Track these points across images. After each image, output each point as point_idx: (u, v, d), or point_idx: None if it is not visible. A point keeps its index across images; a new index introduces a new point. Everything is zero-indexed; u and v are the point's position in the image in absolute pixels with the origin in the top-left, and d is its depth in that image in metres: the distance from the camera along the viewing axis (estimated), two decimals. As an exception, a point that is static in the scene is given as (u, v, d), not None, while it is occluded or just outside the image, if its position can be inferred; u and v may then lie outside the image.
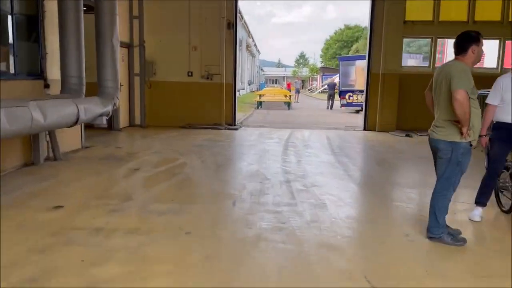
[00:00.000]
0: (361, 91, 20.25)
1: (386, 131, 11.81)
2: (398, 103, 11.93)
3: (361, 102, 20.39)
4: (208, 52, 12.03)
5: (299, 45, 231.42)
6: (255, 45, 59.97)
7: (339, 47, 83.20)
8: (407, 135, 11.06)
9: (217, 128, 11.84)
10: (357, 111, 20.95)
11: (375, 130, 12.14)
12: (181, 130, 11.37)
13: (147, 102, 11.96)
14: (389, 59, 11.82)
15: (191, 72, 12.13)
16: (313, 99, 39.30)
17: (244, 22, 41.90)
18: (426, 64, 12.67)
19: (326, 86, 49.47)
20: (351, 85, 20.58)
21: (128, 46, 11.52)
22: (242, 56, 37.83)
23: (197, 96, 12.22)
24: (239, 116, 15.89)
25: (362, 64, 20.21)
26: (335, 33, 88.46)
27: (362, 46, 66.96)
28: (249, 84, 52.22)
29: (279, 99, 24.60)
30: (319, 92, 49.35)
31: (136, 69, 11.70)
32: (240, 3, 12.55)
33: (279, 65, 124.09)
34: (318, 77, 67.95)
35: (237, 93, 13.26)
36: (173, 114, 12.18)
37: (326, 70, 65.95)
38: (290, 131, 11.78)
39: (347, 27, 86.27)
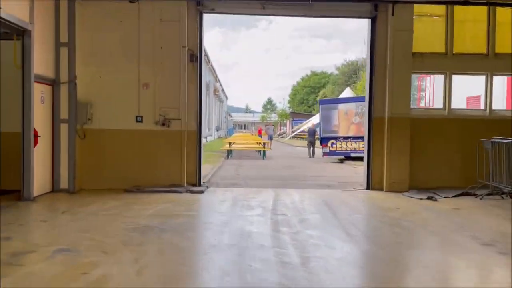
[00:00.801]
0: (346, 138, 17.92)
1: (397, 191, 9.11)
2: (410, 155, 9.36)
3: (346, 150, 18.00)
4: (164, 91, 9.16)
5: (266, 91, 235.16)
6: (222, 90, 58.23)
7: (307, 93, 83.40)
8: (429, 198, 8.36)
9: (176, 191, 8.73)
10: (341, 160, 18.46)
11: (382, 190, 9.41)
12: (125, 197, 8.18)
13: (79, 158, 8.76)
14: (396, 100, 9.36)
15: (141, 117, 9.15)
16: (286, 145, 36.93)
17: (211, 66, 39.94)
18: (437, 105, 10.30)
19: (297, 132, 47.75)
20: (333, 131, 18.19)
21: (53, 82, 8.47)
22: (209, 101, 35.39)
23: (149, 148, 9.17)
24: (206, 169, 12.88)
25: (345, 107, 17.99)
26: (302, 79, 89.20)
27: (330, 92, 66.90)
28: (217, 130, 49.67)
29: (251, 147, 21.83)
30: (290, 138, 47.31)
31: (64, 113, 8.59)
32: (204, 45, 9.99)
33: (247, 110, 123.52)
34: (288, 122, 66.59)
35: (203, 140, 10.35)
36: (115, 174, 9.01)
37: (295, 115, 64.89)
38: (274, 194, 8.83)
39: (314, 74, 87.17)
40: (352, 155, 17.76)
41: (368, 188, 9.64)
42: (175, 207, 7.31)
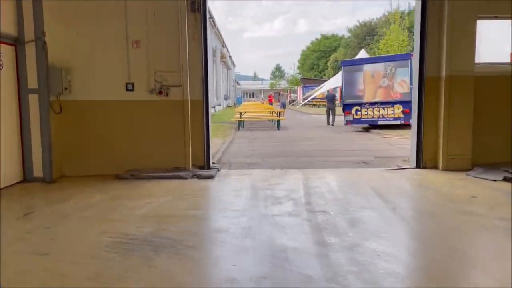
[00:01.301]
0: (372, 103, 15.84)
1: (457, 170, 7.20)
2: (473, 124, 7.38)
3: (372, 117, 15.96)
4: (160, 51, 7.22)
5: (273, 59, 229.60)
6: (230, 56, 55.69)
7: (317, 58, 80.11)
8: (507, 180, 6.43)
9: (179, 177, 6.94)
10: (366, 129, 16.47)
11: (437, 168, 7.51)
12: (115, 186, 6.41)
13: (56, 138, 6.95)
14: (457, 54, 7.27)
15: (132, 85, 7.25)
16: (299, 113, 34.86)
17: (217, 30, 37.43)
18: (506, 60, 8.15)
19: (309, 99, 45.36)
20: (358, 97, 16.09)
21: (15, 41, 6.55)
22: (217, 68, 33.19)
23: (143, 123, 7.33)
24: (216, 144, 11.08)
25: (372, 69, 15.80)
26: (311, 44, 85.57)
27: (342, 55, 63.63)
28: (226, 99, 47.60)
29: (264, 117, 19.88)
30: (302, 105, 45.06)
31: (32, 81, 6.70)
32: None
33: (255, 78, 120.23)
34: (299, 89, 63.93)
35: (211, 111, 8.47)
36: (104, 156, 7.24)
37: (306, 81, 62.15)
38: (302, 177, 6.98)
39: (324, 37, 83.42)
40: (380, 123, 15.75)
41: (418, 166, 7.73)
42: (177, 201, 5.53)
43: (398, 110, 15.23)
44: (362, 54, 39.20)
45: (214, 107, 31.59)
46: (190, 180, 6.87)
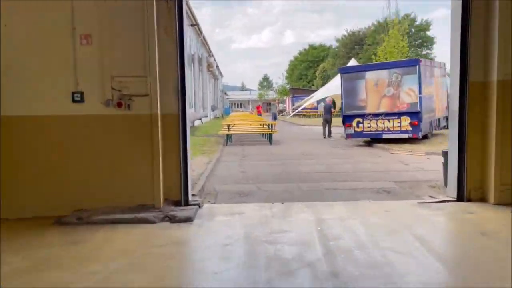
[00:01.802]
0: (376, 115, 14.14)
1: (516, 204, 5.44)
2: (534, 142, 5.63)
3: (376, 130, 14.25)
4: (118, 48, 5.35)
5: (261, 69, 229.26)
6: (217, 66, 54.01)
7: (305, 68, 79.19)
8: None
9: (145, 220, 5.01)
10: (367, 143, 14.78)
11: (486, 200, 5.73)
12: (49, 239, 4.46)
13: (-30, 169, 4.97)
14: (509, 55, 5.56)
15: (81, 94, 5.33)
16: (290, 124, 33.18)
17: (204, 38, 35.71)
18: None
19: (299, 109, 43.72)
20: (360, 108, 14.39)
21: None
22: (203, 77, 31.36)
23: (97, 145, 5.42)
24: (200, 164, 9.27)
25: (375, 76, 14.14)
26: (299, 54, 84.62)
27: (330, 65, 62.56)
28: (213, 110, 45.75)
29: (254, 130, 18.03)
30: (292, 116, 43.42)
31: None
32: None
33: (243, 88, 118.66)
34: (288, 99, 62.41)
35: (197, 123, 6.57)
36: (42, 191, 5.29)
37: (296, 92, 60.67)
38: (313, 217, 5.12)
39: (312, 47, 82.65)
40: (385, 136, 14.04)
41: (459, 197, 5.93)
42: (133, 273, 3.60)
43: (406, 122, 13.55)
44: (352, 63, 38.04)
45: (200, 119, 29.69)
46: (160, 225, 4.95)
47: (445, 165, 7.10)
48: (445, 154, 7.14)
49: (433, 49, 48.52)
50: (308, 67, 79.07)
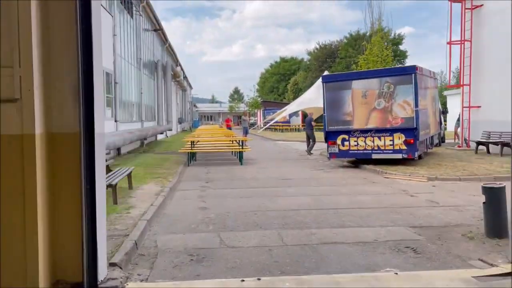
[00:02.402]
0: (365, 131, 12.09)
1: None
2: None
3: (365, 149, 12.19)
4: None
5: (232, 82, 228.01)
6: (185, 77, 51.48)
7: (276, 80, 77.99)
8: None
9: None
10: (353, 163, 12.72)
11: None
12: None
13: None
14: None
15: None
16: (262, 138, 30.96)
17: (170, 46, 33.25)
18: None
19: (271, 123, 41.65)
20: (345, 122, 12.30)
21: None
22: (167, 87, 28.77)
23: None
24: (149, 195, 6.85)
25: (363, 86, 12.13)
26: (271, 66, 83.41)
27: (302, 78, 61.27)
28: (180, 122, 43.02)
29: (223, 149, 15.58)
30: (264, 130, 41.29)
31: None
32: None
33: (213, 100, 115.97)
34: (259, 112, 60.42)
35: (161, 137, 4.10)
36: None
37: (267, 104, 58.78)
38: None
39: (283, 60, 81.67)
40: (374, 156, 11.98)
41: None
42: None
43: (399, 140, 11.56)
44: (327, 76, 36.51)
45: (163, 133, 26.97)
46: None
47: (489, 207, 5.04)
48: (488, 191, 5.06)
49: (405, 63, 48.01)
50: (280, 80, 78.33)
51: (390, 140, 11.72)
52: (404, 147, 11.55)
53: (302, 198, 7.88)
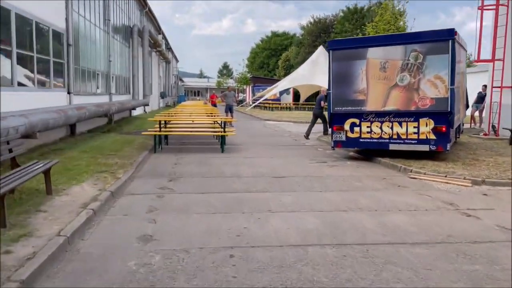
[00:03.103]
0: (381, 114, 9.37)
1: None
2: None
3: (380, 137, 9.50)
4: None
5: (221, 57, 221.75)
6: (169, 48, 47.81)
7: (267, 56, 74.53)
8: None
9: None
10: (364, 154, 10.05)
11: None
12: None
13: None
14: None
15: None
16: (250, 117, 28.11)
17: (150, 10, 29.68)
18: None
19: (260, 100, 38.53)
20: (356, 103, 9.53)
21: None
22: (144, 55, 25.50)
23: None
24: (71, 208, 3.85)
25: (381, 55, 9.32)
26: (261, 41, 79.64)
27: (294, 53, 57.94)
28: (162, 97, 39.72)
29: (200, 133, 12.66)
30: (253, 107, 38.27)
31: None
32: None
33: (201, 75, 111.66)
34: (248, 88, 57.11)
35: (137, 112, 1.53)
36: None
37: (257, 81, 55.44)
38: None
39: (275, 34, 77.96)
40: (392, 147, 9.31)
41: None
42: None
43: (427, 127, 8.89)
44: (320, 51, 33.40)
45: (138, 108, 23.88)
46: None
47: None
48: None
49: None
50: (270, 55, 75.11)
51: (415, 127, 9.02)
52: (433, 136, 8.88)
53: (306, 217, 5.17)
